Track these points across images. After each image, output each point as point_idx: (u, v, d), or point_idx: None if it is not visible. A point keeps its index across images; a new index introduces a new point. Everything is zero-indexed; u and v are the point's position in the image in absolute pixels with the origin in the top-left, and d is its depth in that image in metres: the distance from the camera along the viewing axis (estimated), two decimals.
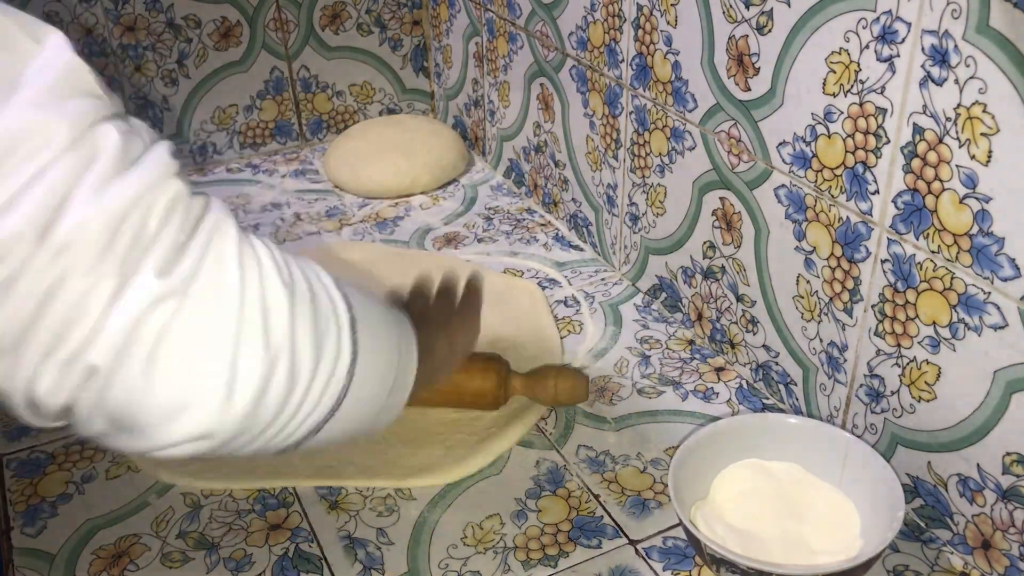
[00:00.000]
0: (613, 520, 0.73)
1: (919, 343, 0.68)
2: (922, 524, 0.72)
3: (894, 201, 0.67)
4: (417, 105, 1.42)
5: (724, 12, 0.78)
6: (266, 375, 0.41)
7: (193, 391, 0.39)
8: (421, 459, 0.78)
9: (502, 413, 0.83)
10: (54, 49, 0.37)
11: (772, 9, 0.73)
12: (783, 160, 0.76)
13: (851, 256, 0.72)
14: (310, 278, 0.45)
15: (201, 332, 0.38)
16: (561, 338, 0.94)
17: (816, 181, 0.73)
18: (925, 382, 0.68)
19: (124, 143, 0.37)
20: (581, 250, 1.10)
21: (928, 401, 0.69)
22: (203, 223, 0.39)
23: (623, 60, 0.94)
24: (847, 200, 0.71)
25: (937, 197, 0.63)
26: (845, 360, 0.76)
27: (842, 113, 0.69)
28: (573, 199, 1.11)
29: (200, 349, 0.39)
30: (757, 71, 0.76)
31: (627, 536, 0.72)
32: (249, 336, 0.40)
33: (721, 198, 0.85)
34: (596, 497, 0.76)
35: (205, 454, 0.41)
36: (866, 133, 0.68)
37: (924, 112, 0.62)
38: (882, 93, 0.65)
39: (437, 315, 0.67)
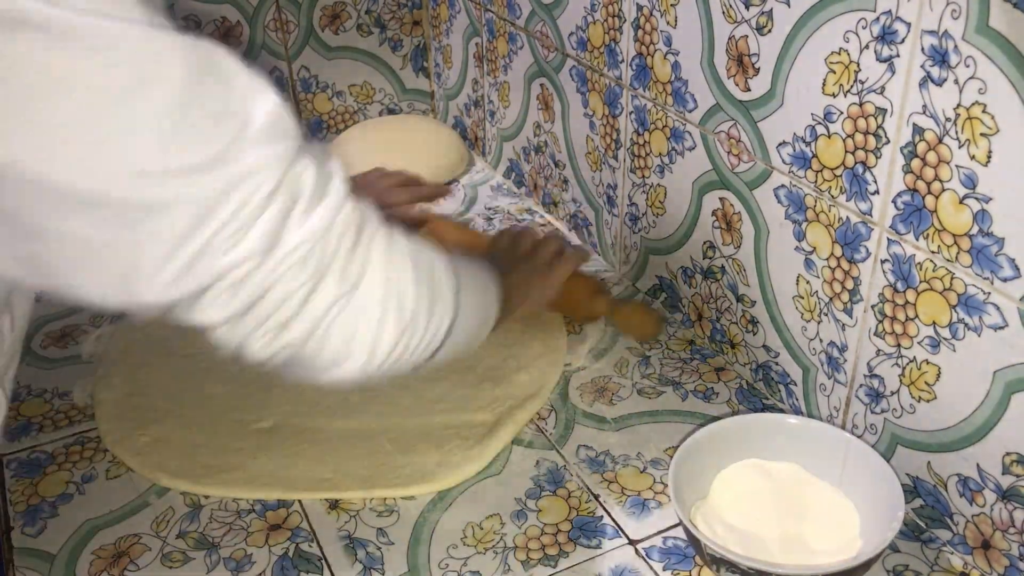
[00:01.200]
0: (613, 520, 0.74)
1: (919, 343, 0.68)
2: (922, 524, 0.72)
3: (894, 201, 0.67)
4: (417, 105, 1.42)
5: (724, 12, 0.78)
6: (395, 341, 0.58)
7: (349, 354, 0.56)
8: (416, 467, 0.78)
9: (494, 415, 0.83)
10: (267, 92, 0.49)
11: (772, 9, 0.73)
12: (783, 160, 0.76)
13: (851, 256, 0.72)
14: (433, 264, 0.61)
15: (360, 316, 0.55)
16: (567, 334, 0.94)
17: (816, 181, 0.73)
18: (925, 382, 0.68)
19: (316, 180, 0.51)
20: None
21: (928, 401, 0.69)
22: (363, 234, 0.54)
23: (623, 60, 0.94)
24: (847, 200, 0.71)
25: (937, 197, 0.63)
26: (845, 360, 0.76)
27: (842, 113, 0.69)
28: (573, 199, 1.11)
29: (357, 329, 0.55)
30: (757, 71, 0.76)
31: (627, 536, 0.72)
32: (388, 317, 0.57)
33: (721, 198, 0.85)
34: (596, 497, 0.76)
35: (351, 383, 0.59)
36: (866, 133, 0.68)
37: (924, 112, 0.62)
38: (882, 93, 0.65)
39: (518, 272, 0.83)
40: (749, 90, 0.78)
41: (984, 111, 0.58)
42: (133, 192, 0.46)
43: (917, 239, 0.66)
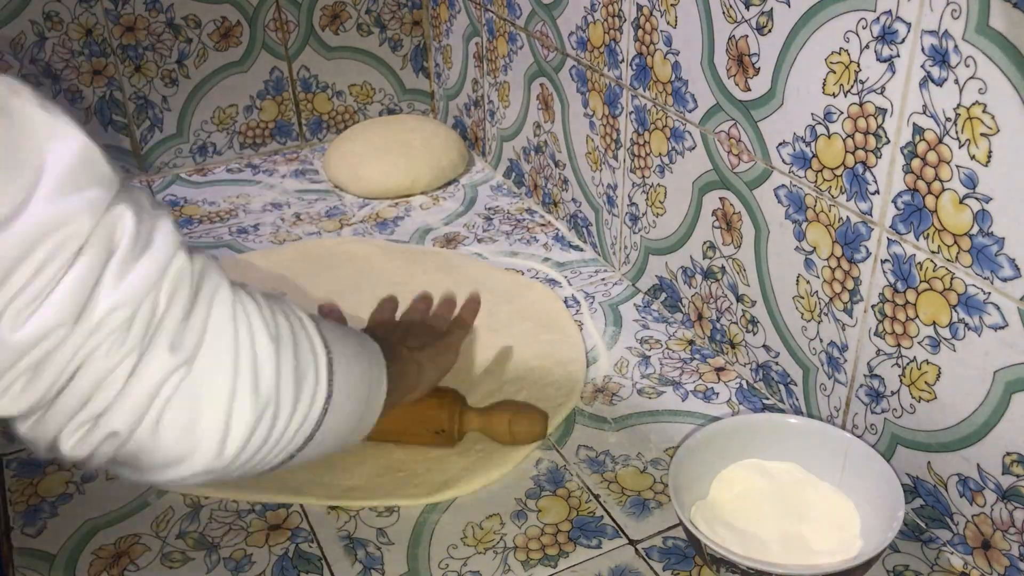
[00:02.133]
0: (613, 520, 0.73)
1: (919, 343, 0.68)
2: (922, 524, 0.72)
3: (894, 201, 0.67)
4: (417, 105, 1.42)
5: (724, 12, 0.78)
6: (254, 424, 0.47)
7: (193, 445, 0.45)
8: (432, 473, 0.77)
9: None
10: (69, 134, 0.41)
11: (772, 9, 0.73)
12: (783, 160, 0.76)
13: (851, 256, 0.72)
14: (294, 326, 0.50)
15: (201, 395, 0.45)
16: (579, 325, 0.94)
17: (816, 181, 0.73)
18: (925, 382, 0.68)
19: (136, 228, 0.42)
20: (581, 250, 1.10)
21: (928, 401, 0.69)
22: (202, 292, 0.45)
23: (623, 60, 0.94)
24: (847, 200, 0.71)
25: (937, 197, 0.63)
26: (845, 360, 0.76)
27: (842, 113, 0.69)
28: (573, 199, 1.11)
29: (200, 411, 0.45)
30: (757, 71, 0.76)
31: (627, 536, 0.72)
32: (241, 393, 0.46)
33: (721, 198, 0.85)
34: (596, 497, 0.76)
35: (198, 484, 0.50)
36: (866, 133, 0.68)
37: (924, 112, 0.62)
38: (882, 93, 0.65)
39: (415, 343, 0.73)
40: (749, 90, 0.78)
41: (984, 111, 0.58)
42: None
43: (917, 239, 0.66)
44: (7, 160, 0.39)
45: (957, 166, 0.61)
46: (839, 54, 0.68)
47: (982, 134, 0.59)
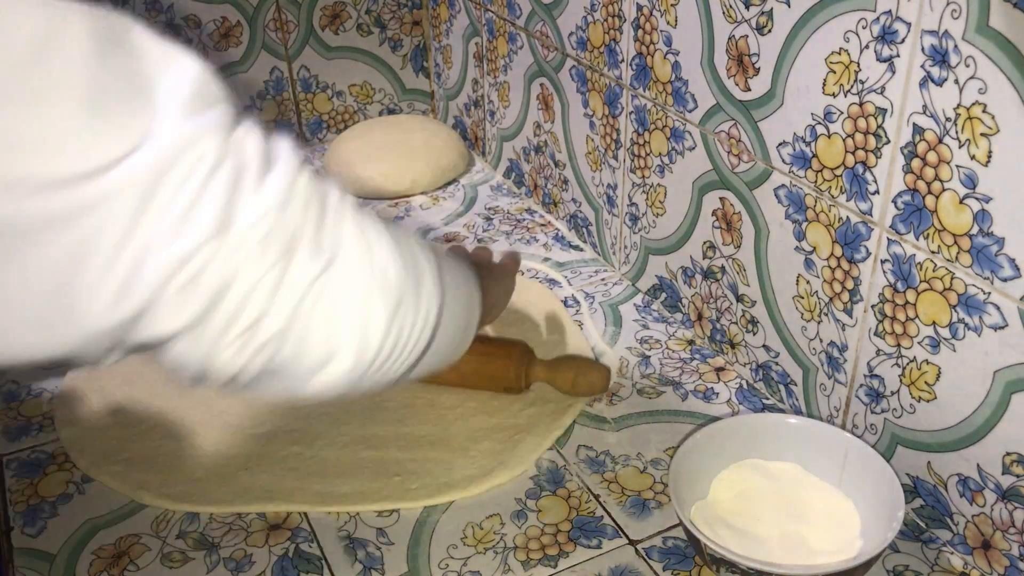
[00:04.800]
0: (613, 520, 0.74)
1: (919, 343, 0.68)
2: (922, 524, 0.72)
3: (894, 201, 0.67)
4: (417, 105, 1.42)
5: (724, 12, 0.78)
6: (388, 326, 0.50)
7: (337, 344, 0.48)
8: (431, 476, 0.77)
9: (525, 419, 0.82)
10: (184, 60, 0.43)
11: (772, 9, 0.73)
12: (783, 160, 0.76)
13: (851, 256, 0.72)
14: (409, 237, 0.54)
15: (343, 297, 0.48)
16: (579, 325, 0.94)
17: (816, 181, 0.74)
18: (925, 382, 0.68)
19: (264, 144, 0.45)
20: (581, 250, 1.10)
21: (928, 401, 0.69)
22: (328, 203, 0.48)
23: (623, 60, 0.94)
24: (847, 200, 0.71)
25: (937, 197, 0.63)
26: (845, 360, 0.76)
27: (842, 113, 0.69)
28: (573, 199, 1.12)
29: (342, 311, 0.48)
30: (757, 71, 0.76)
31: (627, 536, 0.72)
32: (376, 291, 0.49)
33: (721, 198, 0.85)
34: (596, 497, 0.76)
35: (338, 393, 0.51)
36: (866, 133, 0.68)
37: (924, 112, 0.62)
38: (882, 93, 0.65)
39: (483, 269, 0.74)
40: (749, 90, 0.78)
41: (984, 111, 0.58)
42: (46, 204, 0.38)
43: (917, 239, 0.66)
44: (131, 89, 0.40)
45: (957, 166, 0.61)
46: (839, 54, 0.68)
47: (982, 134, 0.59)
